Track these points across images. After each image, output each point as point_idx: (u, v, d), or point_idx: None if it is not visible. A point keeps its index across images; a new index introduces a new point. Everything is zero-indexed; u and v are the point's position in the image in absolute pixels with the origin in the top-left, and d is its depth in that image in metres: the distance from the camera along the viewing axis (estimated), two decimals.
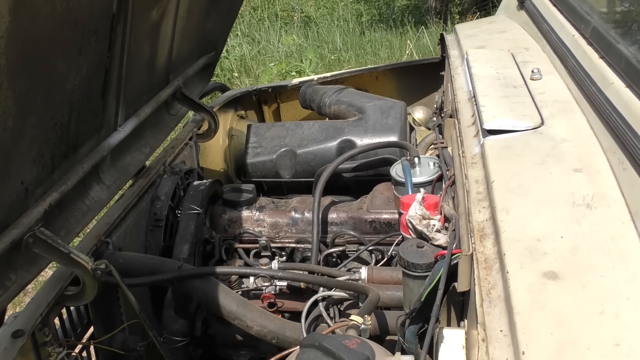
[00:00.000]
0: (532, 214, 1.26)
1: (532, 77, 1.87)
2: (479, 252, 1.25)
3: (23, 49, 1.30)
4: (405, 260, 1.47)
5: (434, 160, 1.96)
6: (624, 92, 1.41)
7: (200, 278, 1.78)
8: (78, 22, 1.54)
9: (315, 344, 1.19)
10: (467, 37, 2.51)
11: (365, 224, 2.12)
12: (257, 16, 10.14)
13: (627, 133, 1.30)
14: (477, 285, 1.15)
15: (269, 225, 2.20)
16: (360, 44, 8.42)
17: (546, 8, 2.24)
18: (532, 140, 1.53)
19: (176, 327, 1.92)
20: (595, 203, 1.24)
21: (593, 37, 1.72)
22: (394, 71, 3.17)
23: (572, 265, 1.10)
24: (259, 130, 2.62)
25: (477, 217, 1.35)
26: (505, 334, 1.05)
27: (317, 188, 2.09)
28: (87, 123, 1.84)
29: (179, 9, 2.26)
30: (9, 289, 1.52)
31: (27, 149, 1.52)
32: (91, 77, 1.76)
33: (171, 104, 2.53)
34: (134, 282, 1.74)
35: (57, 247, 1.55)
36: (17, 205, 1.52)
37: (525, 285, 1.08)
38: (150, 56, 2.19)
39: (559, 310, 1.02)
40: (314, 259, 1.98)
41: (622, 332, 0.95)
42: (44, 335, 1.61)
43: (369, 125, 2.46)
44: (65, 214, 1.82)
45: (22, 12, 1.24)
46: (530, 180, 1.36)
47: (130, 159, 2.23)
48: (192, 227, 2.07)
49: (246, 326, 1.74)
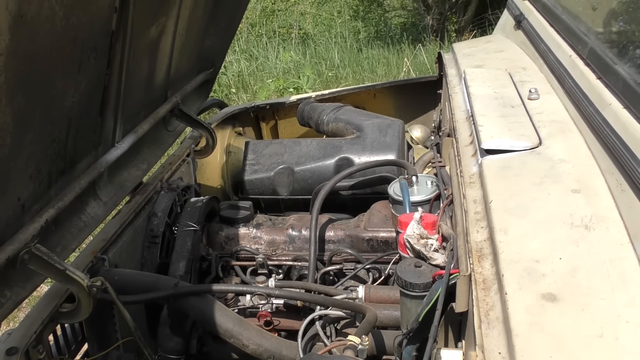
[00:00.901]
0: (530, 234, 1.26)
1: (529, 97, 1.88)
2: (477, 272, 1.24)
3: (22, 66, 1.30)
4: (403, 279, 1.47)
5: (432, 179, 1.96)
6: (621, 113, 1.41)
7: (197, 296, 1.77)
8: (77, 40, 1.55)
9: None
10: (464, 56, 2.52)
11: (362, 242, 2.12)
12: (256, 32, 10.19)
13: (625, 154, 1.30)
14: (475, 306, 1.15)
15: (266, 243, 2.19)
16: (357, 61, 8.46)
17: (543, 28, 2.25)
18: (530, 160, 1.53)
19: (171, 344, 1.90)
20: (593, 224, 1.24)
21: (590, 58, 1.73)
22: (392, 89, 3.19)
23: (571, 287, 1.10)
24: (256, 147, 2.63)
25: (475, 237, 1.35)
26: (503, 356, 1.04)
27: (314, 206, 2.09)
28: (85, 139, 1.84)
29: (177, 27, 2.27)
30: (4, 305, 1.52)
31: (24, 165, 1.51)
32: (90, 94, 1.76)
33: (169, 121, 2.54)
34: (129, 300, 1.73)
35: (52, 263, 1.55)
36: (13, 222, 1.52)
37: (524, 307, 1.08)
38: (148, 73, 2.20)
39: (558, 333, 1.01)
40: (311, 277, 1.97)
41: (622, 355, 0.95)
42: (38, 352, 1.59)
43: (367, 144, 2.46)
44: (62, 230, 1.82)
45: (22, 30, 1.25)
46: (528, 201, 1.36)
47: (128, 175, 2.23)
48: (189, 244, 2.06)
49: (242, 345, 1.73)
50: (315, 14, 11.69)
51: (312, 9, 11.97)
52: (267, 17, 10.96)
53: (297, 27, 10.61)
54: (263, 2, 11.56)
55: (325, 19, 11.32)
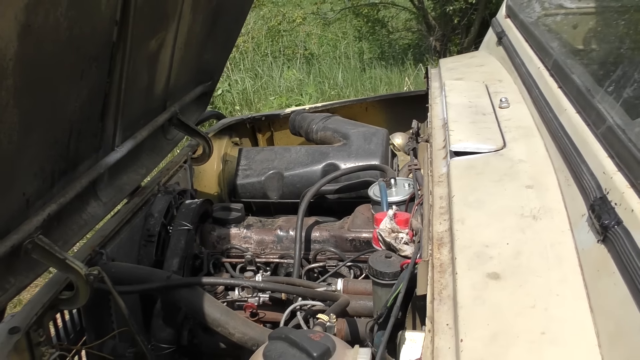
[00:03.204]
0: (484, 224, 1.39)
1: (500, 106, 2.01)
2: (436, 258, 1.37)
3: (29, 71, 1.42)
4: (374, 269, 1.60)
5: (409, 182, 2.10)
6: (574, 117, 1.55)
7: (187, 287, 1.90)
8: (80, 49, 1.68)
9: (282, 336, 1.31)
10: (448, 70, 2.67)
11: (346, 242, 2.25)
12: (261, 52, 10.39)
13: (572, 153, 1.43)
14: (429, 285, 1.27)
15: (255, 242, 2.32)
16: (360, 80, 8.63)
17: (519, 43, 2.39)
18: (493, 160, 1.66)
19: (163, 335, 2.03)
20: (540, 215, 1.37)
21: (554, 69, 1.86)
22: (383, 102, 3.32)
23: (513, 268, 1.22)
24: (249, 153, 2.77)
25: (437, 228, 1.48)
26: (450, 327, 1.16)
27: (300, 206, 2.22)
28: (86, 142, 1.97)
29: (177, 40, 2.41)
30: (8, 291, 1.64)
31: (29, 163, 1.64)
32: (91, 100, 1.89)
33: (168, 129, 2.67)
34: (124, 290, 1.86)
35: (53, 253, 1.67)
36: (18, 214, 1.64)
37: (471, 284, 1.21)
38: (148, 83, 2.34)
39: (497, 305, 1.14)
40: (295, 273, 2.09)
41: (549, 323, 1.07)
42: (39, 335, 1.71)
43: (352, 150, 2.60)
44: (63, 227, 1.94)
45: (28, 38, 1.37)
46: (486, 196, 1.49)
47: (127, 178, 2.37)
48: (183, 242, 2.19)
49: (228, 333, 1.85)
50: (321, 35, 11.90)
51: (318, 29, 12.19)
52: (272, 37, 11.16)
53: (303, 47, 10.80)
54: (269, 22, 11.78)
55: (330, 40, 11.52)
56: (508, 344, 1.05)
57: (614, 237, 1.08)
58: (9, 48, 1.32)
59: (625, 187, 1.15)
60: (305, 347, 1.25)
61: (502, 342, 1.06)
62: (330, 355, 1.27)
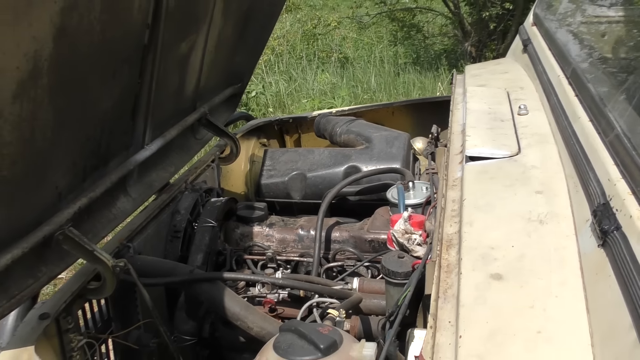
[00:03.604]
0: (491, 227, 1.43)
1: (519, 113, 2.04)
2: (444, 258, 1.41)
3: (63, 71, 1.49)
4: (387, 268, 1.65)
5: (427, 185, 2.14)
6: (586, 125, 1.57)
7: (209, 282, 1.97)
8: (112, 51, 1.77)
9: (291, 328, 1.37)
10: (472, 76, 2.70)
11: (365, 243, 2.30)
12: (296, 55, 10.48)
13: (582, 159, 1.46)
14: (435, 284, 1.32)
15: (277, 241, 2.39)
16: (394, 85, 8.65)
17: (542, 51, 2.41)
18: (506, 166, 1.69)
19: (186, 327, 2.10)
20: (547, 219, 1.40)
21: (572, 77, 1.89)
22: (409, 107, 3.36)
23: (516, 269, 1.26)
24: (274, 154, 2.85)
25: (447, 230, 1.52)
26: (452, 324, 1.21)
27: (321, 207, 2.29)
28: (117, 140, 2.06)
29: (207, 44, 2.49)
30: (40, 279, 1.72)
31: (62, 158, 1.72)
32: (122, 100, 1.97)
33: (197, 129, 2.76)
34: (149, 282, 1.94)
35: (82, 244, 1.75)
36: (50, 207, 1.72)
37: (474, 284, 1.25)
38: (178, 84, 2.42)
39: (497, 304, 1.18)
40: (314, 271, 2.16)
41: (546, 322, 1.11)
42: (67, 322, 1.80)
43: (374, 154, 2.66)
44: (93, 220, 2.03)
45: (63, 40, 1.45)
46: (496, 200, 1.53)
47: (156, 175, 2.45)
48: (207, 238, 2.27)
49: (247, 327, 1.92)
50: (356, 39, 11.95)
51: (353, 33, 12.24)
52: (308, 40, 11.25)
53: (338, 51, 10.86)
54: (304, 26, 11.88)
55: (366, 44, 11.56)
56: (504, 341, 1.09)
57: (612, 241, 1.11)
58: (44, 49, 1.40)
59: (627, 194, 1.18)
60: (313, 339, 1.31)
61: (499, 339, 1.10)
62: (337, 348, 1.32)
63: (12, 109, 1.38)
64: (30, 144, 1.51)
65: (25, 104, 1.42)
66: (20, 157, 1.48)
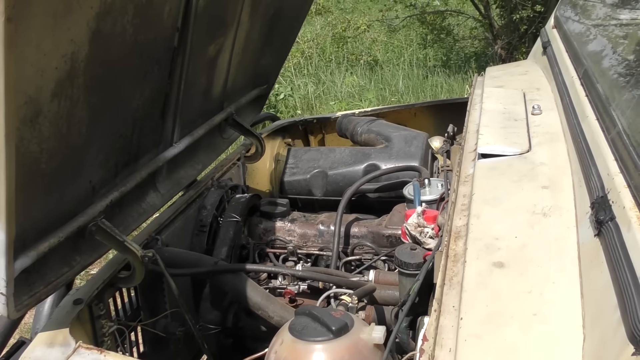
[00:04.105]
0: (497, 219, 1.50)
1: (532, 112, 2.10)
2: (451, 249, 1.49)
3: (97, 71, 1.59)
4: (399, 259, 1.73)
5: (442, 182, 2.21)
6: (593, 124, 1.64)
7: (232, 273, 2.07)
8: (144, 53, 1.87)
9: (306, 312, 1.46)
10: (491, 77, 2.76)
11: (382, 238, 2.38)
12: (326, 58, 10.59)
13: (586, 156, 1.52)
14: (441, 272, 1.40)
15: (298, 235, 2.49)
16: (422, 88, 8.71)
17: (560, 53, 2.47)
18: (516, 163, 1.76)
19: (211, 317, 2.20)
20: (550, 212, 1.47)
21: (584, 78, 1.95)
22: (432, 108, 3.43)
23: (517, 258, 1.33)
24: (297, 153, 2.95)
25: (457, 222, 1.59)
26: (455, 308, 1.28)
27: (341, 203, 2.38)
28: (147, 138, 2.16)
29: (235, 46, 2.59)
30: (74, 267, 1.83)
31: (96, 154, 1.83)
32: (153, 99, 2.07)
33: (224, 128, 2.86)
34: (175, 272, 2.05)
35: (114, 235, 1.86)
36: (84, 199, 1.83)
37: (477, 272, 1.32)
38: (206, 85, 2.52)
39: (497, 290, 1.26)
40: (333, 265, 2.24)
41: (542, 306, 1.18)
42: (99, 309, 1.91)
43: (393, 152, 2.74)
44: (124, 214, 2.14)
45: (98, 42, 1.55)
46: (504, 194, 1.60)
47: (184, 173, 2.56)
48: (231, 232, 2.37)
49: (268, 316, 2.01)
50: (386, 42, 12.02)
51: (383, 36, 12.31)
52: (337, 43, 11.35)
53: (367, 54, 10.94)
54: (334, 29, 11.99)
55: (396, 47, 11.62)
56: (502, 322, 1.17)
57: (606, 231, 1.18)
58: (81, 51, 1.50)
59: (622, 187, 1.25)
60: (325, 321, 1.40)
61: (497, 321, 1.17)
62: (347, 330, 1.41)
63: (50, 106, 1.48)
64: (67, 140, 1.61)
65: (63, 102, 1.52)
66: (58, 151, 1.58)
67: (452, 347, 1.17)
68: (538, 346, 1.09)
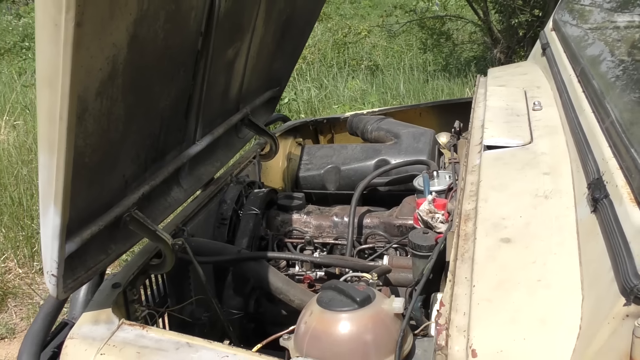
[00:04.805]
0: (503, 202, 1.65)
1: (533, 108, 2.25)
2: (462, 229, 1.64)
3: (133, 73, 1.72)
4: (413, 242, 1.88)
5: (450, 174, 2.37)
6: (589, 116, 1.79)
7: (254, 260, 2.22)
8: (172, 56, 2.01)
9: (332, 286, 1.61)
10: (494, 77, 2.92)
11: (393, 228, 2.53)
12: (327, 63, 10.75)
13: (583, 144, 1.68)
14: (454, 249, 1.55)
15: (314, 227, 2.64)
16: (422, 91, 8.86)
17: (558, 53, 2.62)
18: (519, 153, 1.91)
19: (233, 303, 2.35)
20: (551, 195, 1.62)
21: (581, 75, 2.10)
22: (436, 108, 3.59)
23: (522, 234, 1.48)
24: (311, 150, 3.11)
25: (466, 207, 1.74)
26: (468, 279, 1.43)
27: (355, 194, 2.53)
28: (173, 136, 2.30)
29: (250, 50, 2.73)
30: (110, 255, 1.97)
31: (129, 150, 1.96)
32: (178, 99, 2.21)
33: (240, 128, 3.01)
34: (202, 260, 2.19)
35: (146, 225, 2.00)
36: (118, 192, 1.97)
37: (486, 247, 1.47)
38: (224, 87, 2.67)
39: (505, 261, 1.40)
40: (348, 252, 2.40)
41: (545, 273, 1.33)
42: (133, 294, 2.06)
43: (402, 148, 2.90)
44: (152, 207, 2.27)
45: (134, 46, 1.68)
46: (508, 180, 1.75)
47: (204, 170, 2.70)
48: (251, 224, 2.52)
49: (289, 300, 2.15)
50: (386, 47, 12.19)
51: (383, 41, 12.48)
52: (338, 48, 11.51)
53: (367, 59, 11.10)
54: (335, 35, 12.15)
55: (396, 52, 11.78)
56: (510, 288, 1.32)
57: (601, 207, 1.33)
58: (120, 54, 1.64)
59: (615, 169, 1.40)
60: (350, 293, 1.54)
61: (505, 287, 1.32)
62: (370, 301, 1.55)
63: (94, 104, 1.62)
64: (107, 136, 1.74)
65: (104, 100, 1.66)
66: (99, 146, 1.72)
67: (466, 311, 1.32)
68: (542, 306, 1.24)
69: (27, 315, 4.56)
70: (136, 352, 1.57)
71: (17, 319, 4.59)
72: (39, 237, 5.25)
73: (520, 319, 1.24)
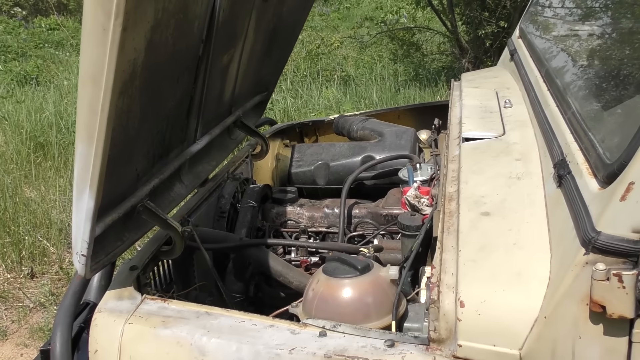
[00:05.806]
0: (482, 184, 1.89)
1: (504, 106, 2.51)
2: (447, 208, 1.87)
3: (148, 75, 1.88)
4: (402, 223, 2.11)
5: (432, 166, 2.61)
6: (554, 110, 2.04)
7: (255, 247, 2.42)
8: (178, 60, 2.19)
9: (335, 258, 1.83)
10: (467, 80, 3.18)
11: (380, 217, 2.76)
12: (301, 74, 10.98)
13: (549, 133, 1.93)
14: (440, 223, 1.78)
15: (306, 218, 2.86)
16: (395, 100, 9.14)
17: (525, 58, 2.89)
18: (494, 143, 2.16)
19: (235, 287, 2.55)
20: (523, 177, 1.87)
21: (546, 76, 2.36)
22: (414, 111, 3.84)
23: (499, 208, 1.72)
24: (301, 148, 3.34)
25: (449, 189, 1.98)
26: (454, 247, 1.66)
27: (344, 187, 2.76)
28: (176, 134, 2.47)
29: (242, 57, 2.93)
30: (124, 242, 2.15)
31: (141, 146, 2.12)
32: (181, 100, 2.39)
33: (232, 130, 3.19)
34: (208, 247, 2.39)
35: (158, 214, 2.17)
36: (131, 185, 2.13)
37: (469, 219, 1.71)
38: (220, 90, 2.85)
39: (486, 230, 1.64)
40: (340, 239, 2.62)
41: (519, 238, 1.57)
42: (145, 278, 2.24)
43: (386, 145, 3.14)
44: (158, 200, 2.41)
45: (150, 51, 1.85)
46: (485, 166, 1.99)
47: (202, 168, 2.89)
48: (249, 216, 2.73)
49: (288, 282, 2.36)
50: (357, 58, 12.47)
51: (354, 52, 12.77)
52: (312, 59, 11.75)
53: (340, 70, 11.36)
54: (308, 46, 12.40)
55: (367, 63, 12.07)
56: (491, 250, 1.55)
57: (565, 182, 1.57)
58: (139, 58, 1.82)
59: (576, 150, 1.64)
60: (352, 263, 1.77)
61: (487, 250, 1.56)
62: (370, 269, 1.78)
63: (117, 102, 1.80)
64: (125, 132, 1.92)
65: (125, 99, 1.83)
66: (119, 141, 1.88)
67: (453, 272, 1.55)
68: (518, 264, 1.48)
69: (17, 318, 4.67)
70: (161, 321, 1.76)
71: (7, 321, 4.70)
72: (26, 242, 5.38)
73: (499, 274, 1.48)
